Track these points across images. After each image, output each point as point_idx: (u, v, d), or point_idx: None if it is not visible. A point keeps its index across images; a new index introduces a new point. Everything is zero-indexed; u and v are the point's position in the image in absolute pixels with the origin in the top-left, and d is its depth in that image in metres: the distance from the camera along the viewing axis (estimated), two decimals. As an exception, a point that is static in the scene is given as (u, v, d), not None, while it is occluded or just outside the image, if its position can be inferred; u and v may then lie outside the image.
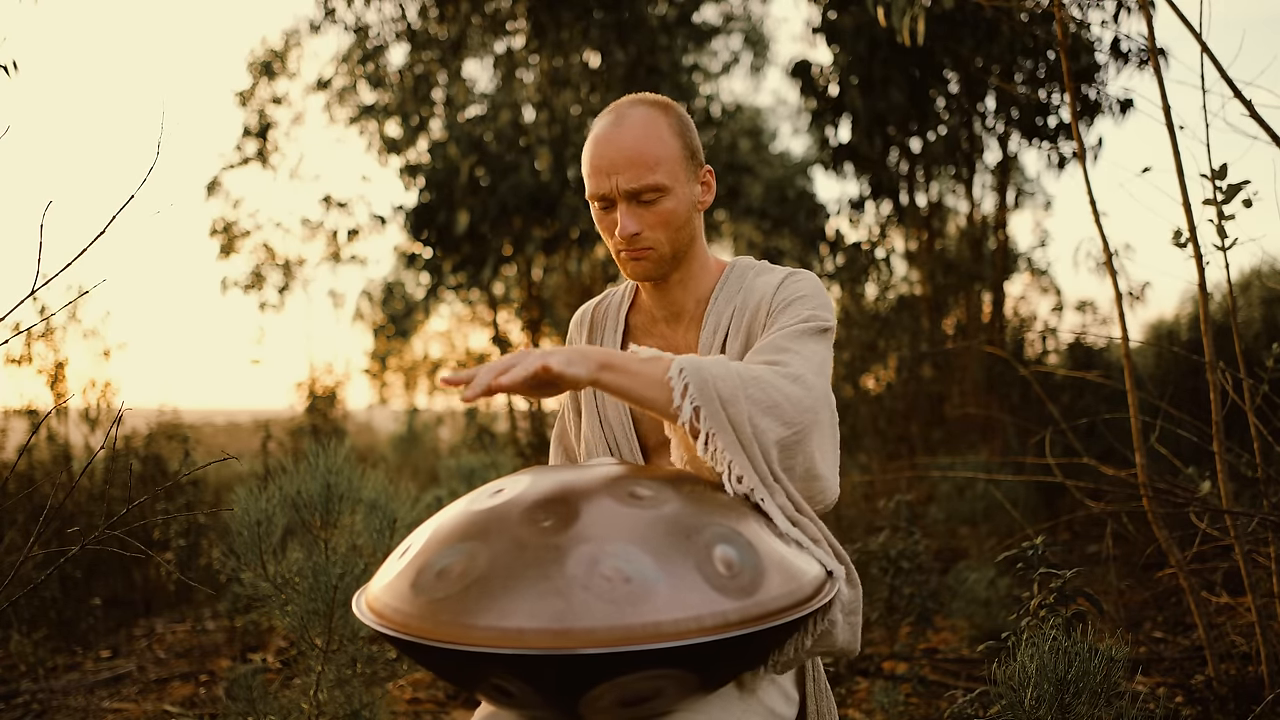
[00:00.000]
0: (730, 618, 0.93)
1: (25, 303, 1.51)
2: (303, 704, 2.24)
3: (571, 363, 1.09)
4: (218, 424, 10.96)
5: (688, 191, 1.38)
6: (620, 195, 1.34)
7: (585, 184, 1.39)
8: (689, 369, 1.15)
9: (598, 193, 1.36)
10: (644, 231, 1.35)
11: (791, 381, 1.20)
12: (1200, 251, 2.29)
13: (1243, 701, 2.36)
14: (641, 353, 1.20)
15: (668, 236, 1.37)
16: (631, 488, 1.06)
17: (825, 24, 7.43)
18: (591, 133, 1.38)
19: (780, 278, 1.41)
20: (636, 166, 1.32)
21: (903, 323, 7.28)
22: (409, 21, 9.69)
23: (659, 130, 1.35)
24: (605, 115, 1.38)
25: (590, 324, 1.57)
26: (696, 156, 1.40)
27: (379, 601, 1.01)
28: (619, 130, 1.34)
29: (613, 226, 1.37)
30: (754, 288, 1.42)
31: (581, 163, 1.40)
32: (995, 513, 4.57)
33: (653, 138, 1.34)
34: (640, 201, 1.34)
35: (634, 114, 1.35)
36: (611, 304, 1.56)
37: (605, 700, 0.95)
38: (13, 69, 2.23)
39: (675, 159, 1.35)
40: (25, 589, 2.17)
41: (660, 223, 1.36)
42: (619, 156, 1.33)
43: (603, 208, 1.37)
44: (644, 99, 1.39)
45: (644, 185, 1.32)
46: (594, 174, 1.36)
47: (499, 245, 8.49)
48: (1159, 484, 2.61)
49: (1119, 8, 6.21)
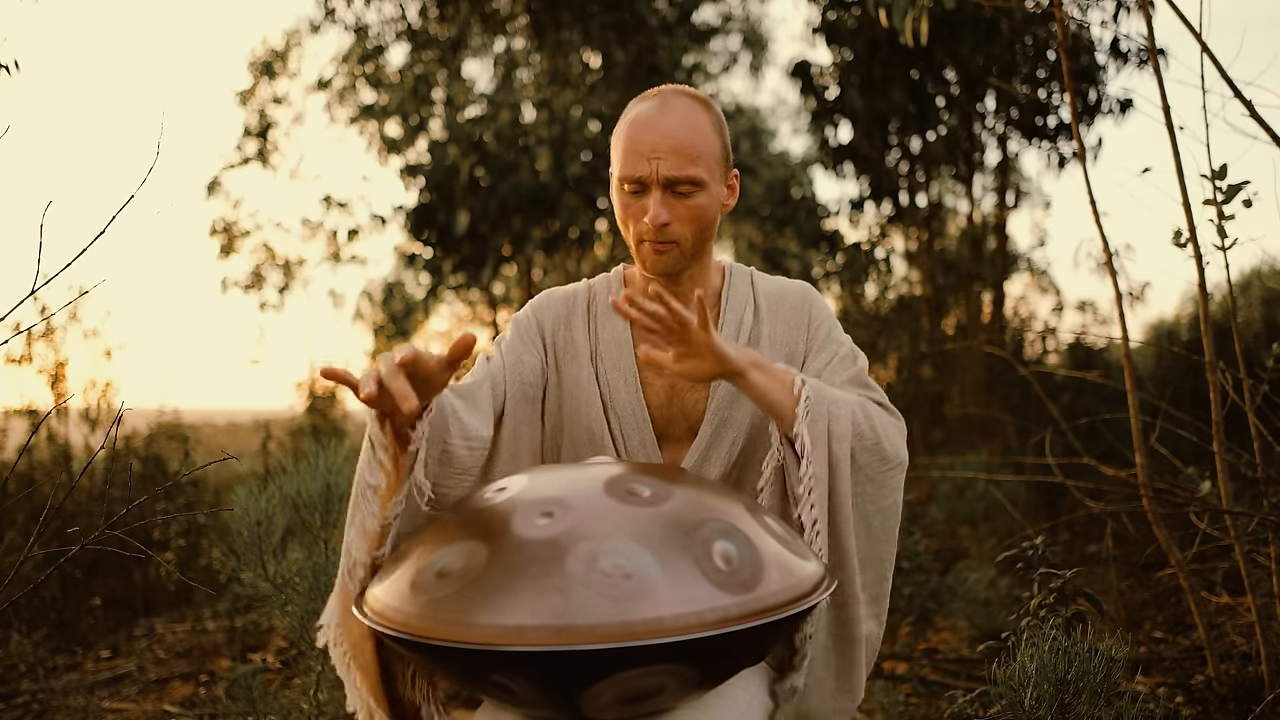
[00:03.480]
0: (731, 612, 0.93)
1: (25, 303, 1.51)
2: (303, 704, 2.24)
3: (733, 346, 1.22)
4: (218, 424, 10.95)
5: (718, 191, 1.37)
6: (658, 181, 1.31)
7: (616, 165, 1.35)
8: (812, 395, 1.27)
9: (633, 175, 1.32)
10: (674, 224, 1.33)
11: (900, 434, 1.39)
12: (1200, 251, 2.28)
13: (1243, 701, 2.36)
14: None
15: (693, 232, 1.35)
16: (630, 485, 1.06)
17: (825, 24, 7.44)
18: (629, 115, 1.35)
19: (802, 293, 1.48)
20: (680, 155, 1.30)
21: (903, 323, 7.29)
22: (409, 21, 9.69)
23: (703, 124, 1.33)
24: (647, 100, 1.35)
25: (588, 313, 1.49)
26: (729, 159, 1.39)
27: (380, 602, 1.01)
28: (665, 116, 1.31)
29: (640, 213, 1.34)
30: (771, 295, 1.48)
31: (613, 144, 1.37)
32: (995, 513, 4.57)
33: (698, 130, 1.32)
34: (675, 192, 1.32)
35: (679, 103, 1.33)
36: (603, 296, 1.50)
37: (607, 697, 0.96)
38: (13, 69, 2.23)
39: (714, 156, 1.34)
40: (25, 589, 2.17)
41: (691, 217, 1.34)
42: (664, 141, 1.30)
43: (632, 192, 1.34)
44: (687, 91, 1.36)
45: (684, 175, 1.30)
46: (632, 154, 1.32)
47: (499, 245, 8.49)
48: (1159, 484, 2.61)
49: (1119, 8, 6.22)
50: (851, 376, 1.41)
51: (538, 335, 1.48)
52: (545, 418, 1.46)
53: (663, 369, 1.35)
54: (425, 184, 8.44)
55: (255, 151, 10.77)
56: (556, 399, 1.47)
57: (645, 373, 1.45)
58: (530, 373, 1.44)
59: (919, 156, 7.98)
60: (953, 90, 7.48)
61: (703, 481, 1.16)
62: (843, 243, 8.92)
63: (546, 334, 1.49)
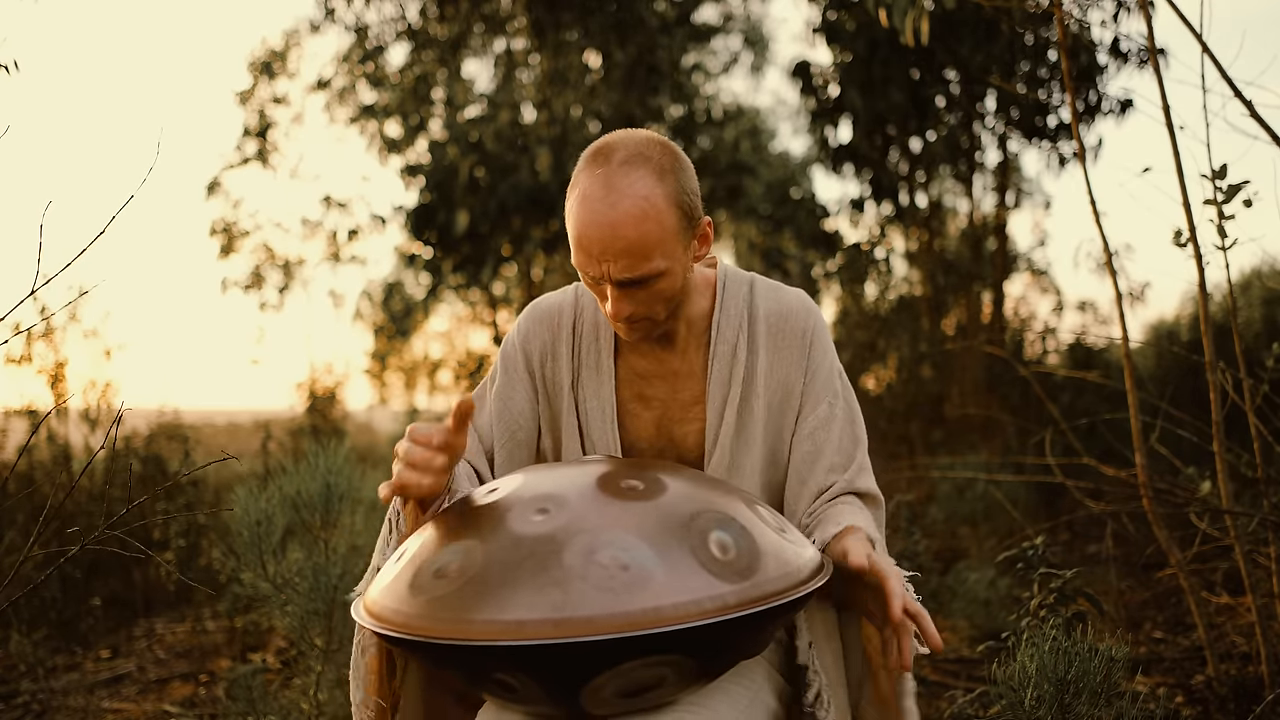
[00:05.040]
0: (729, 600, 0.93)
1: (25, 303, 1.51)
2: (303, 704, 2.24)
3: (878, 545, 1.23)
4: (218, 424, 10.94)
5: (684, 261, 1.27)
6: (612, 282, 1.23)
7: (572, 250, 1.26)
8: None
9: (586, 272, 1.24)
10: (639, 309, 1.26)
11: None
12: (1200, 251, 2.28)
13: (1243, 701, 2.36)
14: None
15: (664, 308, 1.29)
16: (624, 480, 1.07)
17: (825, 24, 7.44)
18: (578, 195, 1.22)
19: (803, 322, 1.41)
20: (630, 255, 1.20)
21: (903, 323, 7.28)
22: (409, 21, 9.69)
23: (655, 208, 1.20)
24: (595, 180, 1.21)
25: (573, 335, 1.43)
26: (694, 217, 1.26)
27: (378, 604, 1.01)
28: (611, 211, 1.19)
29: (603, 296, 1.27)
30: (769, 318, 1.40)
31: (567, 222, 1.26)
32: (995, 513, 4.56)
33: (649, 219, 1.19)
34: (634, 284, 1.24)
35: (627, 189, 1.19)
36: (588, 316, 1.44)
37: (607, 690, 0.96)
38: (13, 68, 2.23)
39: (672, 237, 1.22)
40: (25, 589, 2.16)
41: (654, 299, 1.26)
42: (611, 244, 1.19)
43: (592, 280, 1.26)
44: (638, 155, 1.22)
45: (638, 275, 1.22)
46: (581, 251, 1.22)
47: (499, 245, 8.50)
48: (1159, 484, 2.61)
49: (1119, 8, 6.22)
50: (848, 457, 1.38)
51: (525, 372, 1.44)
52: (543, 454, 1.46)
53: (650, 401, 1.36)
54: (425, 184, 8.44)
55: (255, 151, 10.77)
56: (552, 433, 1.45)
57: (631, 404, 1.42)
58: (520, 416, 1.43)
59: (919, 156, 7.98)
60: (953, 90, 7.48)
61: (697, 474, 1.16)
62: (843, 243, 8.92)
63: (535, 367, 1.44)
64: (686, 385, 1.41)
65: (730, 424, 1.37)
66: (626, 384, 1.42)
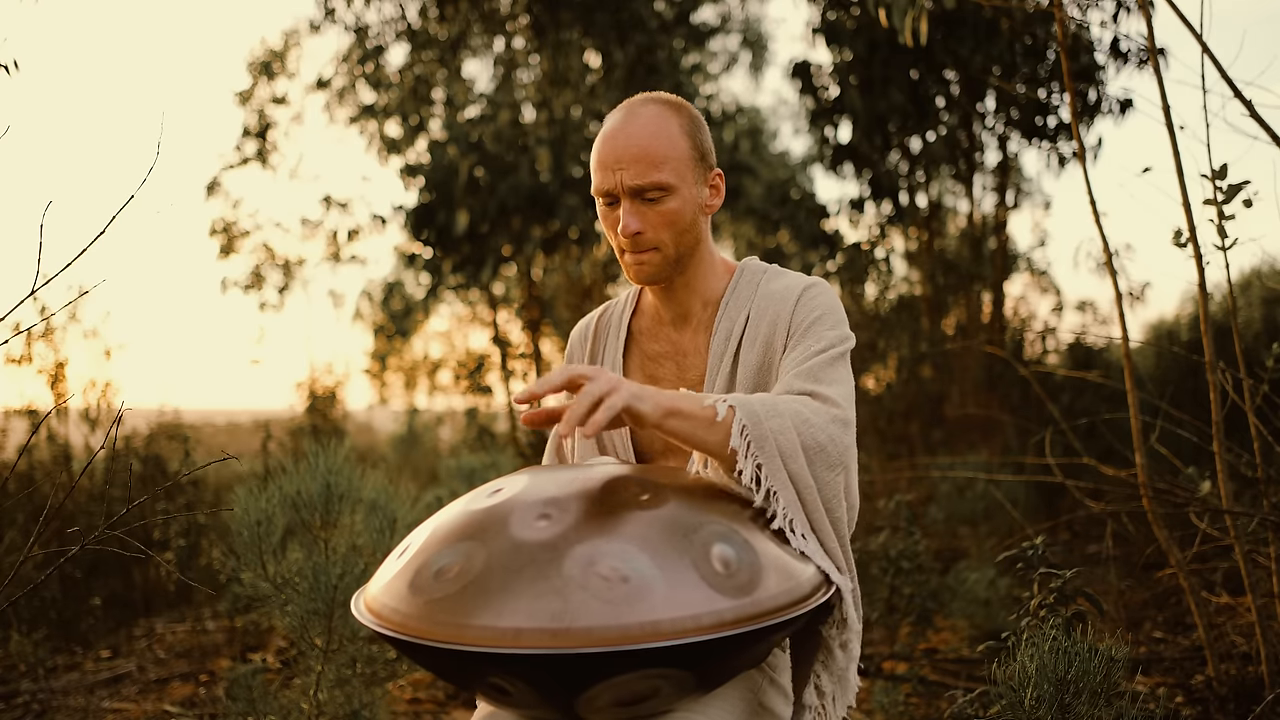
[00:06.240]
0: (726, 617, 0.93)
1: (25, 303, 1.51)
2: (303, 704, 2.24)
3: (642, 399, 1.10)
4: (218, 424, 10.95)
5: (694, 193, 1.35)
6: (624, 191, 1.31)
7: (592, 177, 1.37)
8: (748, 423, 1.14)
9: (602, 188, 1.34)
10: (647, 231, 1.33)
11: (842, 427, 1.21)
12: (1200, 251, 2.28)
13: (1243, 701, 2.36)
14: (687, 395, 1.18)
15: (672, 237, 1.34)
16: (629, 488, 1.06)
17: (825, 24, 7.43)
18: (602, 129, 1.37)
19: (797, 291, 1.36)
20: (642, 163, 1.30)
21: (903, 323, 7.28)
22: (409, 21, 9.69)
23: (668, 128, 1.33)
24: (616, 111, 1.37)
25: (594, 334, 1.53)
26: (706, 158, 1.37)
27: (377, 602, 1.01)
28: (627, 126, 1.33)
29: (616, 224, 1.34)
30: (769, 295, 1.38)
31: (590, 159, 1.38)
32: (995, 513, 4.57)
33: (661, 135, 1.32)
34: (644, 199, 1.32)
35: (644, 111, 1.34)
36: (614, 312, 1.53)
37: (603, 700, 0.95)
38: (13, 68, 2.22)
39: (683, 158, 1.33)
40: (25, 589, 2.16)
41: (664, 222, 1.33)
42: (625, 152, 1.31)
43: (607, 204, 1.35)
44: (657, 97, 1.37)
45: (648, 182, 1.30)
46: (599, 168, 1.34)
47: (498, 245, 8.50)
48: (1159, 484, 2.61)
49: (1118, 8, 6.22)
50: (803, 371, 1.28)
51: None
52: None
53: (659, 382, 1.37)
54: (425, 184, 8.44)
55: (255, 151, 10.78)
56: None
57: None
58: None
59: (919, 156, 7.98)
60: (952, 90, 7.48)
61: (702, 484, 1.15)
62: (843, 243, 8.92)
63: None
64: (694, 365, 1.43)
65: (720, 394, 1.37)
66: (637, 368, 1.47)
